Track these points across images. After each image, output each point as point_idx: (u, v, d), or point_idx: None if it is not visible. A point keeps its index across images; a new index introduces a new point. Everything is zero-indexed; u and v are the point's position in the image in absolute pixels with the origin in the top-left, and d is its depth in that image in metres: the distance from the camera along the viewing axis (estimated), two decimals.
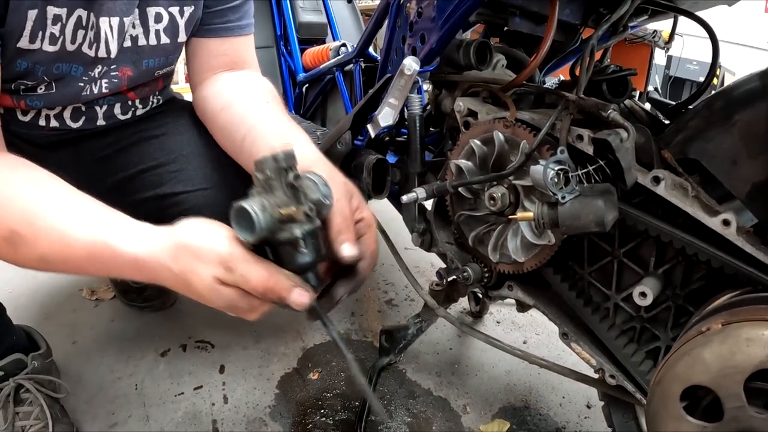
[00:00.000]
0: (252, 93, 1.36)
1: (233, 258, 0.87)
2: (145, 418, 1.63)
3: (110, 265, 0.97)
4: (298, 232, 0.88)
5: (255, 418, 1.65)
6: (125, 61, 1.28)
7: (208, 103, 1.40)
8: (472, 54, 1.30)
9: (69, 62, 1.19)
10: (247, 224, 0.85)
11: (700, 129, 1.00)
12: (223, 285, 0.88)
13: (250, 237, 0.85)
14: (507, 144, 1.15)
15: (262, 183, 0.88)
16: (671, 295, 1.09)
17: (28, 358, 1.50)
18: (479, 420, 1.69)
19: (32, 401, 1.46)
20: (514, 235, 1.19)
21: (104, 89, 1.29)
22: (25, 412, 1.44)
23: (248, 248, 0.89)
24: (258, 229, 0.84)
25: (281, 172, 0.87)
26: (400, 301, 2.27)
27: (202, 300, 0.91)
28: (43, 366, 1.54)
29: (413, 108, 1.36)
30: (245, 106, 1.31)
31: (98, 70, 1.25)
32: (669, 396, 0.84)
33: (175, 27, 1.31)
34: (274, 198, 0.87)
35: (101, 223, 0.96)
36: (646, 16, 1.39)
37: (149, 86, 1.43)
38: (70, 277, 2.24)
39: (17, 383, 1.46)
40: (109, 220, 0.97)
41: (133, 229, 0.96)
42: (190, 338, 1.97)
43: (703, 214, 0.94)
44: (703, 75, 6.64)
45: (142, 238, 0.94)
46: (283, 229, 0.87)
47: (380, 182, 1.50)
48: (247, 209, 0.83)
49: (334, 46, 2.15)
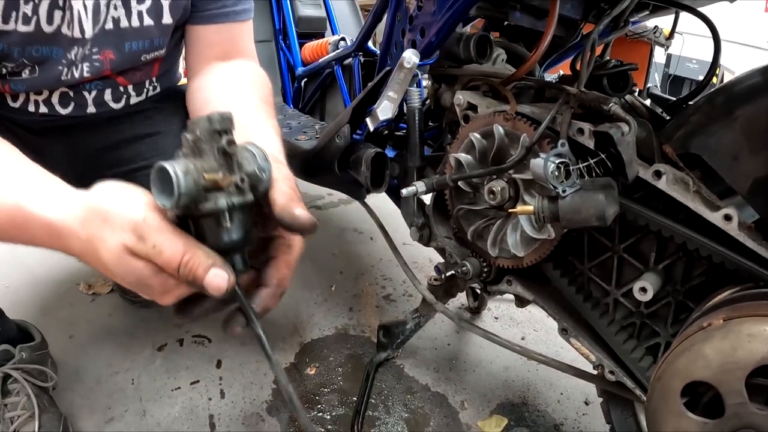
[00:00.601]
0: (233, 88, 1.33)
1: (147, 225, 0.76)
2: (141, 413, 1.63)
3: (27, 232, 0.87)
4: (224, 203, 0.76)
5: (252, 413, 1.65)
6: (107, 43, 1.25)
7: (193, 98, 1.38)
8: (473, 47, 1.30)
9: (48, 45, 1.16)
10: (166, 187, 0.73)
11: (701, 124, 1.00)
12: (133, 256, 0.76)
13: (168, 202, 0.74)
14: (507, 137, 1.14)
15: (190, 145, 0.77)
16: (671, 290, 1.08)
17: (16, 349, 1.50)
18: (477, 416, 1.68)
19: (19, 391, 1.46)
20: (514, 230, 1.18)
21: (86, 73, 1.26)
22: (12, 402, 1.44)
23: (169, 220, 0.78)
24: (177, 193, 0.72)
25: (214, 135, 0.76)
26: (399, 296, 2.27)
27: (110, 274, 0.80)
28: (32, 357, 1.54)
29: (412, 102, 1.36)
30: (221, 104, 1.26)
31: (75, 52, 1.21)
32: (670, 392, 0.84)
33: (159, 8, 1.27)
34: (201, 162, 0.76)
35: (22, 186, 0.88)
36: (647, 12, 1.39)
37: (141, 71, 1.39)
38: (67, 271, 2.23)
39: (4, 373, 1.46)
40: (32, 182, 0.89)
41: (50, 192, 0.86)
42: (187, 333, 1.97)
43: (705, 209, 0.94)
44: (702, 74, 6.62)
45: (57, 202, 0.84)
46: (207, 198, 0.76)
47: (379, 176, 1.50)
48: (168, 169, 0.72)
49: (333, 40, 2.15)
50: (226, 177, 0.76)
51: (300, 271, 2.29)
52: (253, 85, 1.33)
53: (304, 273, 2.38)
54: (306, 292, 2.26)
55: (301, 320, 2.07)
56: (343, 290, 2.30)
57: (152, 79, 1.44)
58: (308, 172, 1.73)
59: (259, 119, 1.18)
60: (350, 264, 2.52)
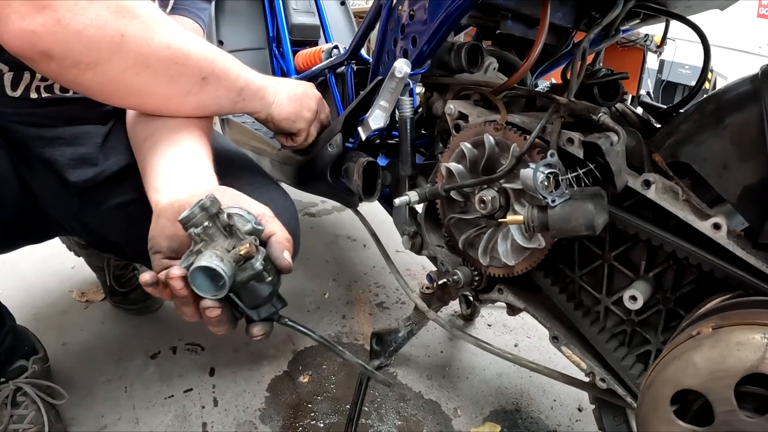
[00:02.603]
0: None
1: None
2: (134, 421, 1.64)
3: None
4: (259, 265, 0.87)
5: (245, 421, 1.66)
6: None
7: None
8: (464, 57, 1.30)
9: None
10: (214, 282, 0.83)
11: (691, 132, 1.00)
12: None
13: (222, 292, 0.83)
14: (497, 147, 1.14)
15: (201, 236, 0.85)
16: (662, 298, 1.09)
17: (29, 362, 1.52)
18: (470, 423, 1.69)
19: (28, 405, 1.47)
20: (505, 239, 1.18)
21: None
22: (19, 415, 1.45)
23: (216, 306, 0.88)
24: (227, 281, 0.82)
25: (214, 219, 0.85)
26: (391, 303, 2.27)
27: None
28: (42, 370, 1.56)
29: (404, 111, 1.36)
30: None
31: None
32: (659, 400, 0.84)
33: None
34: (219, 245, 0.85)
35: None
36: (638, 20, 1.39)
37: None
38: (60, 278, 2.24)
39: (16, 386, 1.47)
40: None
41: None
42: (180, 340, 1.98)
43: (694, 217, 0.94)
44: (695, 79, 6.66)
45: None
46: (244, 269, 0.86)
47: (371, 185, 1.50)
48: (212, 267, 0.80)
49: (326, 48, 2.14)
50: (250, 245, 0.84)
51: (293, 278, 2.31)
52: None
53: (296, 280, 2.38)
54: (299, 299, 2.27)
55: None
56: (336, 298, 2.30)
57: None
58: (300, 180, 1.73)
59: (187, 148, 1.15)
60: (343, 271, 2.52)
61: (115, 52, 0.93)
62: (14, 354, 1.50)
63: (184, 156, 1.11)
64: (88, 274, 2.24)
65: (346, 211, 3.09)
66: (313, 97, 1.49)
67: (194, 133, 1.16)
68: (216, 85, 1.13)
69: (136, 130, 1.21)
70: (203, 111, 1.18)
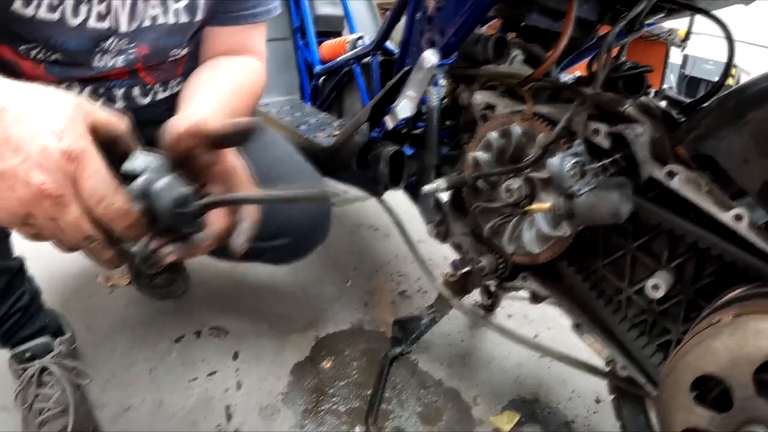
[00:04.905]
0: (209, 73, 1.33)
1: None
2: (158, 403, 1.65)
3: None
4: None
5: (268, 404, 1.68)
6: (143, 39, 1.25)
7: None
8: (490, 48, 1.32)
9: (72, 38, 1.15)
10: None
11: (713, 127, 1.01)
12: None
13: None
14: (524, 137, 1.16)
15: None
16: (683, 289, 1.10)
17: (56, 341, 1.52)
18: (489, 411, 1.71)
19: (54, 384, 1.47)
20: (530, 227, 1.20)
21: (119, 63, 1.27)
22: (45, 394, 1.45)
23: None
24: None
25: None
26: (413, 292, 2.29)
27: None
28: (69, 351, 1.56)
29: (432, 101, 1.38)
30: (189, 87, 1.28)
31: (108, 44, 1.21)
32: (680, 385, 0.86)
33: (194, 6, 1.27)
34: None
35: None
36: (663, 14, 1.40)
37: (167, 71, 1.41)
38: (85, 263, 2.25)
39: (42, 366, 1.47)
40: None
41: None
42: (204, 325, 1.99)
43: (716, 208, 0.95)
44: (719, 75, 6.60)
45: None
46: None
47: (397, 173, 1.52)
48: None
49: (351, 39, 2.16)
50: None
51: (315, 266, 2.33)
52: (234, 72, 1.32)
53: (320, 268, 2.40)
54: (321, 287, 2.28)
55: (316, 315, 2.09)
56: (358, 286, 2.32)
57: (177, 78, 1.46)
58: (326, 168, 1.75)
59: (207, 94, 1.18)
60: (365, 260, 2.53)
61: None
62: (35, 321, 1.50)
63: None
64: None
65: (367, 202, 3.10)
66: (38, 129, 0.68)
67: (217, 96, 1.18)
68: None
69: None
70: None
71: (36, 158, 0.64)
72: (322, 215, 1.45)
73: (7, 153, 0.64)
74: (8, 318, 1.42)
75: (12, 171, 0.64)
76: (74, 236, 0.71)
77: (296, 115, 2.12)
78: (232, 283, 2.24)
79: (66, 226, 0.69)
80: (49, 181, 0.65)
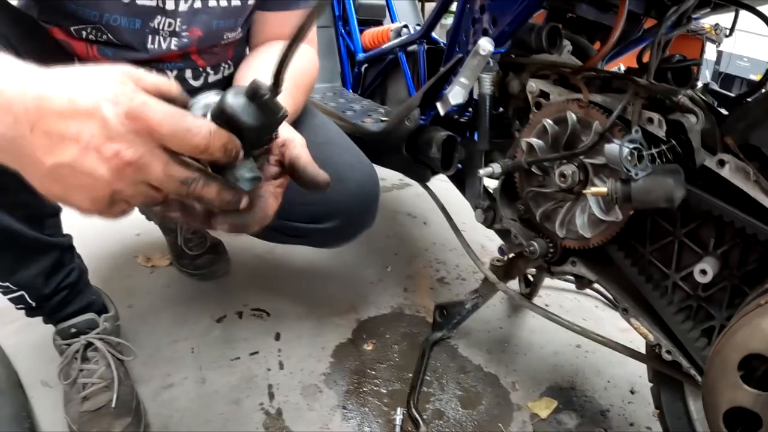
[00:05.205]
0: (263, 57, 1.38)
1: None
2: (201, 380, 1.68)
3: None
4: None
5: (310, 384, 1.70)
6: (196, 21, 1.28)
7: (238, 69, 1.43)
8: (544, 38, 1.34)
9: (131, 16, 1.19)
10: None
11: (760, 118, 1.03)
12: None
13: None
14: (579, 124, 1.19)
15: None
16: (728, 275, 1.11)
17: (101, 318, 1.55)
18: (527, 397, 1.73)
19: (98, 360, 1.49)
20: (582, 212, 1.23)
21: (173, 46, 1.29)
22: (89, 369, 1.47)
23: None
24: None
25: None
26: (452, 279, 2.32)
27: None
28: (113, 328, 1.59)
29: (484, 88, 1.40)
30: (252, 63, 1.33)
31: (162, 24, 1.24)
32: (728, 365, 0.88)
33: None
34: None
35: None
36: (708, 9, 1.42)
37: (219, 55, 1.44)
38: (124, 244, 2.30)
39: (87, 341, 1.50)
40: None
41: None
42: (245, 306, 2.02)
43: (764, 196, 0.98)
44: (754, 72, 6.55)
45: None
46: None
47: (448, 158, 1.54)
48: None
49: (395, 28, 2.18)
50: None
51: (356, 250, 2.36)
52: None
53: (360, 253, 2.43)
54: (362, 271, 2.32)
55: (357, 298, 2.13)
56: (398, 271, 2.35)
57: (228, 61, 1.49)
58: (374, 154, 1.77)
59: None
60: (404, 246, 2.56)
61: None
62: (82, 298, 1.52)
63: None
64: (153, 241, 2.30)
65: (405, 189, 3.12)
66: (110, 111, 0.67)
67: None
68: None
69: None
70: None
71: (101, 133, 0.64)
72: (372, 198, 1.48)
73: (70, 143, 0.64)
74: (57, 293, 1.44)
75: (81, 157, 0.64)
76: (170, 187, 0.69)
77: (340, 101, 2.15)
78: (272, 265, 2.28)
79: (159, 182, 0.68)
80: (123, 147, 0.64)
